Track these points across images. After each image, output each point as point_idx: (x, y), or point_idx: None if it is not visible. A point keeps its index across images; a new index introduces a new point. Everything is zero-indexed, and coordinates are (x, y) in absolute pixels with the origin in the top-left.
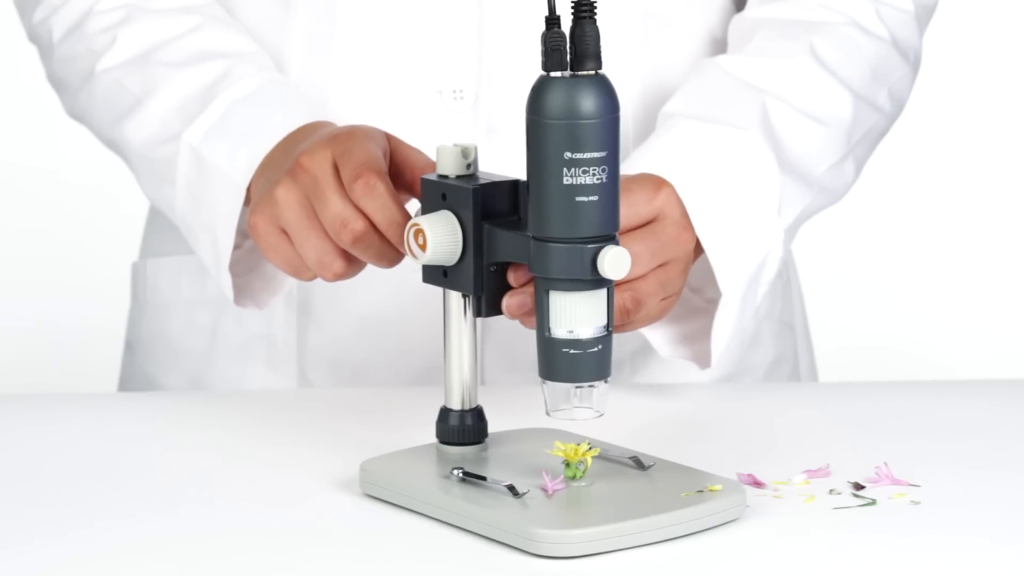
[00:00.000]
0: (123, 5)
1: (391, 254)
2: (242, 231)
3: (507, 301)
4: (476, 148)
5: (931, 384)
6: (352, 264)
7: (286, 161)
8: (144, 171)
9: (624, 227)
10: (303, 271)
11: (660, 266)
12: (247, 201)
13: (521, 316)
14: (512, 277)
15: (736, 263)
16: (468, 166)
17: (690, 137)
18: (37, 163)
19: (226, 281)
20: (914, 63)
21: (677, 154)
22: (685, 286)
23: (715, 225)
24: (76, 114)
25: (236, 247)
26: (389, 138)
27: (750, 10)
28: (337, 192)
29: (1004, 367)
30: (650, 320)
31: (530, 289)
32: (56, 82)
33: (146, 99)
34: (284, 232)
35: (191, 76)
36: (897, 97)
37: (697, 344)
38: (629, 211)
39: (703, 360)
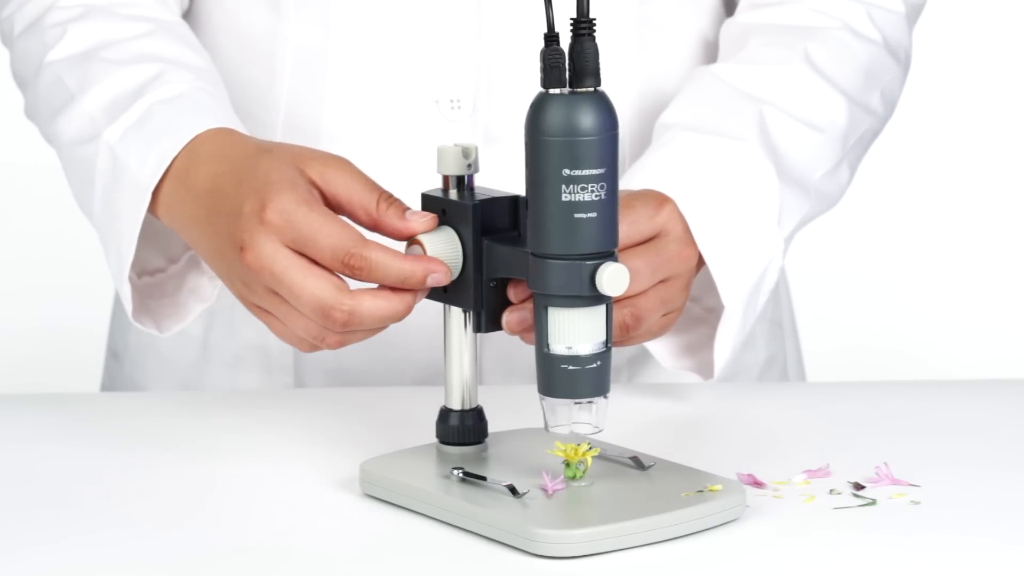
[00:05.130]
0: (84, 3)
1: (394, 313)
2: (169, 257)
3: (507, 317)
4: (476, 148)
5: (931, 384)
6: (347, 332)
7: (224, 254)
8: (70, 171)
9: (625, 243)
10: (303, 344)
11: (661, 282)
12: (152, 209)
13: (521, 332)
14: (512, 293)
15: (738, 276)
16: (469, 166)
17: (689, 150)
18: (37, 161)
19: (125, 291)
20: (905, 63)
21: (677, 168)
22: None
23: (717, 240)
24: (29, 112)
25: (159, 271)
26: (306, 160)
27: (741, 15)
28: (304, 282)
29: (1002, 367)
30: (650, 336)
31: (530, 305)
32: (17, 79)
33: (80, 95)
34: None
35: (125, 75)
36: (889, 98)
37: (699, 355)
38: (631, 228)
39: (706, 371)
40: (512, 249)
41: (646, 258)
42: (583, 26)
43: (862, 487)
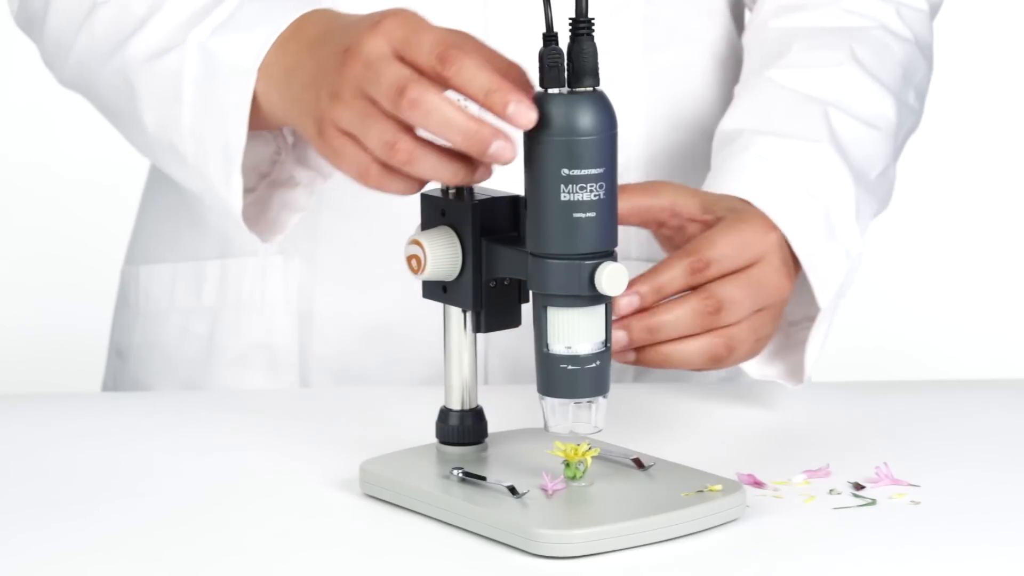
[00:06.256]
0: None
1: (458, 129)
2: (259, 172)
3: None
4: None
5: (931, 384)
6: (421, 145)
7: (323, 70)
8: (148, 92)
9: (728, 267)
10: (370, 170)
11: (756, 312)
12: (260, 124)
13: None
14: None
15: (829, 279)
16: None
17: (770, 155)
18: (37, 161)
19: (236, 184)
20: (931, 60)
21: (765, 177)
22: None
23: (815, 252)
24: (70, 72)
25: (249, 190)
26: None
27: (772, 20)
28: (393, 65)
29: (1002, 367)
30: (735, 363)
31: (630, 324)
32: (52, 47)
33: (153, 15)
34: (349, 134)
35: None
36: (921, 96)
37: (782, 360)
38: (737, 253)
39: (795, 376)
40: (511, 249)
41: (748, 289)
42: (582, 25)
43: (862, 487)
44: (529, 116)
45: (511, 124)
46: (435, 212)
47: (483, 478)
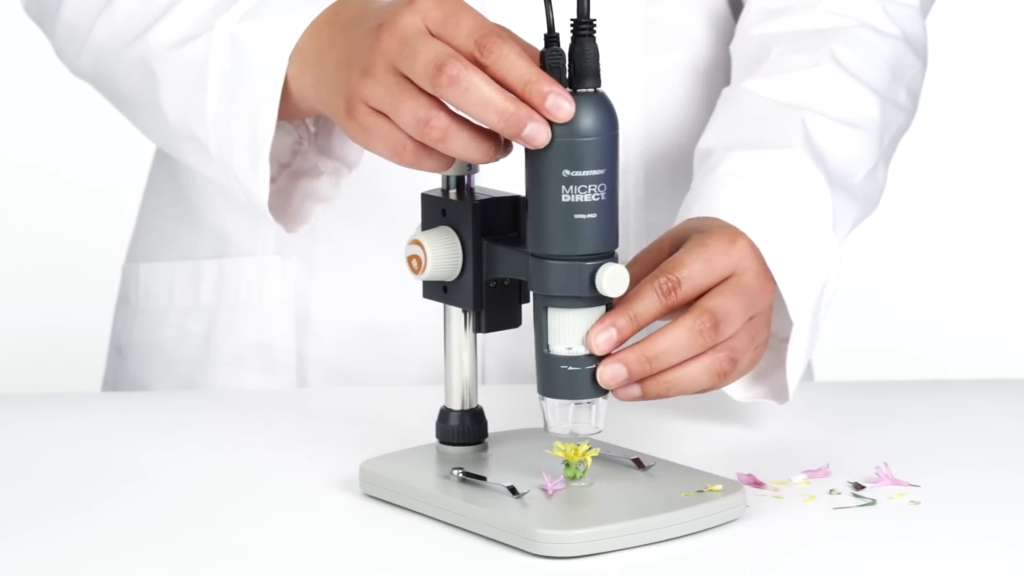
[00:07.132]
0: None
1: (491, 110)
2: (280, 162)
3: (600, 370)
4: None
5: (931, 384)
6: (455, 121)
7: (356, 48)
8: (170, 81)
9: (703, 284)
10: (405, 147)
11: (749, 320)
12: (286, 113)
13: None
14: (593, 343)
15: (803, 291)
16: (469, 167)
17: (739, 170)
18: (37, 163)
19: (263, 171)
20: (924, 57)
21: (733, 194)
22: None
23: (784, 260)
24: (85, 61)
25: (270, 180)
26: None
27: (755, 27)
28: (430, 42)
29: (1002, 367)
30: (740, 375)
31: (626, 356)
32: (66, 35)
33: (176, 4)
34: (379, 112)
35: None
36: (913, 93)
37: (768, 380)
38: (706, 266)
39: (780, 395)
40: (512, 250)
41: (737, 298)
42: (583, 27)
43: (862, 487)
44: (567, 109)
45: (548, 117)
46: (435, 212)
47: (483, 478)
